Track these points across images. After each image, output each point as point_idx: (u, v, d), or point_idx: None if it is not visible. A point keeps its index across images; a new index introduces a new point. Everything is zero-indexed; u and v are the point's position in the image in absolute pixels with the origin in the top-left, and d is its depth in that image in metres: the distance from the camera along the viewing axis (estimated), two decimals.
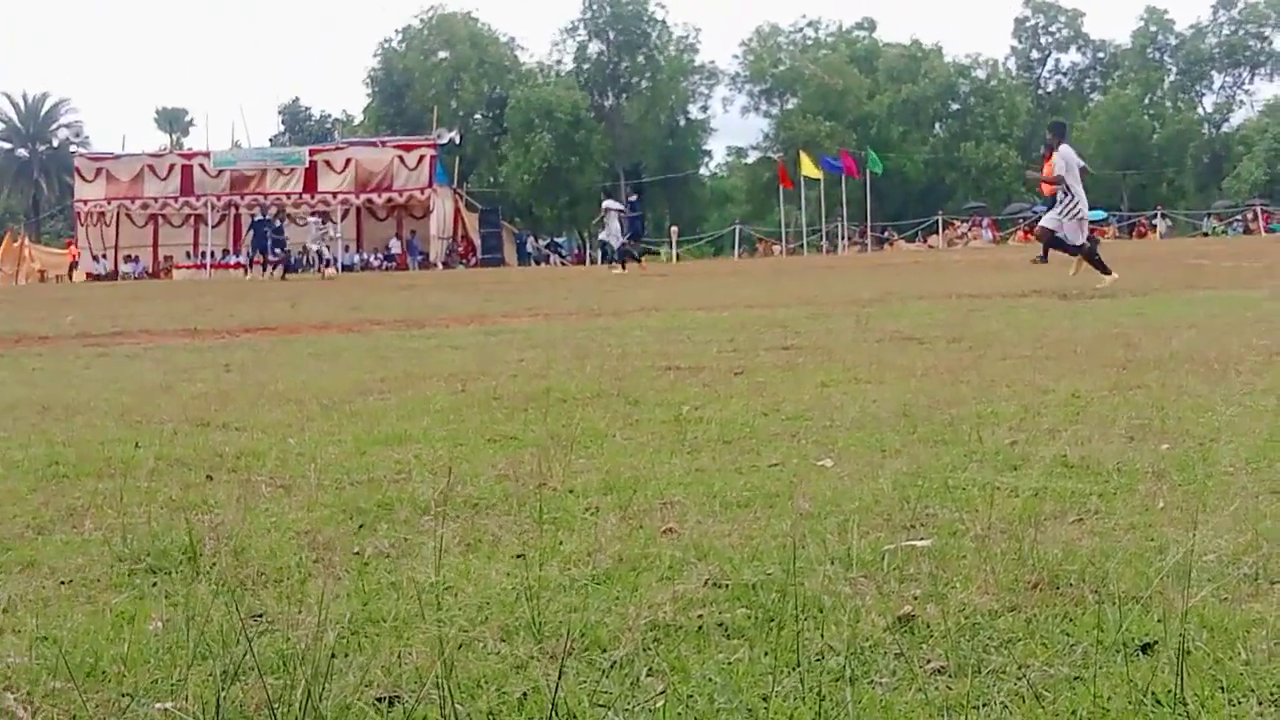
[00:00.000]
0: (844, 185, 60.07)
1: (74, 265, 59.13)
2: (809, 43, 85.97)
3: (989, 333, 9.74)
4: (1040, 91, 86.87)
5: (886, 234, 67.34)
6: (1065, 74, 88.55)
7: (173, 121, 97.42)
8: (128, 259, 59.74)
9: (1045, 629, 2.69)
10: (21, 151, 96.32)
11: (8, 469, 5.06)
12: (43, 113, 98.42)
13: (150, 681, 2.51)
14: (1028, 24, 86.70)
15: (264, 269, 42.68)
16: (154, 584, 3.30)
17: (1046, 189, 21.42)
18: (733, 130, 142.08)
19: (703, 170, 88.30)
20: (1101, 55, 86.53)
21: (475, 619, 2.86)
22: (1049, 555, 3.17)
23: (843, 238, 63.40)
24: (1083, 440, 4.82)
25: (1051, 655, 2.54)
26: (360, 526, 3.88)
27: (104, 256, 60.18)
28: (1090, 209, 17.32)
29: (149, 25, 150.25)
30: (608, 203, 39.84)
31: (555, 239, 73.78)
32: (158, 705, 2.33)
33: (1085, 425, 5.19)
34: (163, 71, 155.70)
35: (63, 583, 3.33)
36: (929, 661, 2.52)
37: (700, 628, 2.75)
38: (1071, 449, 4.62)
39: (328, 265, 45.02)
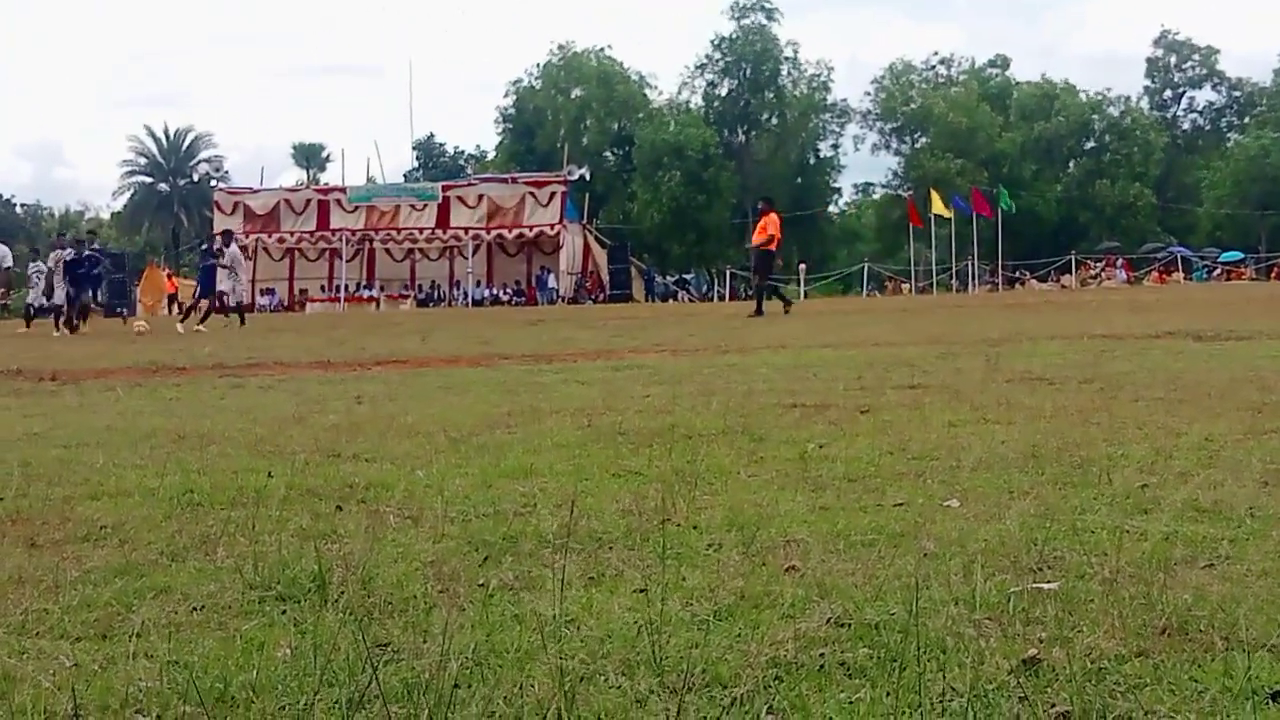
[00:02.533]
0: (975, 224, 59.62)
1: (174, 297, 59.82)
2: (941, 80, 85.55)
3: (1121, 374, 9.59)
4: (1176, 131, 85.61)
5: (1018, 273, 66.62)
6: (1201, 112, 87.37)
7: (309, 157, 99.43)
8: (264, 292, 60.92)
9: (1173, 675, 2.65)
10: (163, 186, 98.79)
11: (144, 497, 5.18)
12: (184, 147, 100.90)
13: (278, 708, 2.56)
14: (1160, 62, 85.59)
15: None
16: (283, 611, 3.35)
17: None
18: (862, 167, 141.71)
19: (831, 207, 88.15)
20: (1238, 94, 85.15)
21: (596, 652, 2.87)
22: (1178, 600, 3.11)
23: (973, 277, 62.84)
24: (1215, 484, 4.73)
25: (1179, 702, 2.50)
26: (485, 559, 3.91)
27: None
28: (1225, 250, 17.08)
29: (287, 64, 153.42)
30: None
31: (684, 275, 73.96)
32: None
33: (1218, 469, 5.09)
34: (300, 108, 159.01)
35: (195, 609, 3.40)
36: (1053, 706, 2.49)
37: (822, 666, 2.74)
38: (1204, 493, 4.54)
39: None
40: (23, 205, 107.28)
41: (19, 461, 6.23)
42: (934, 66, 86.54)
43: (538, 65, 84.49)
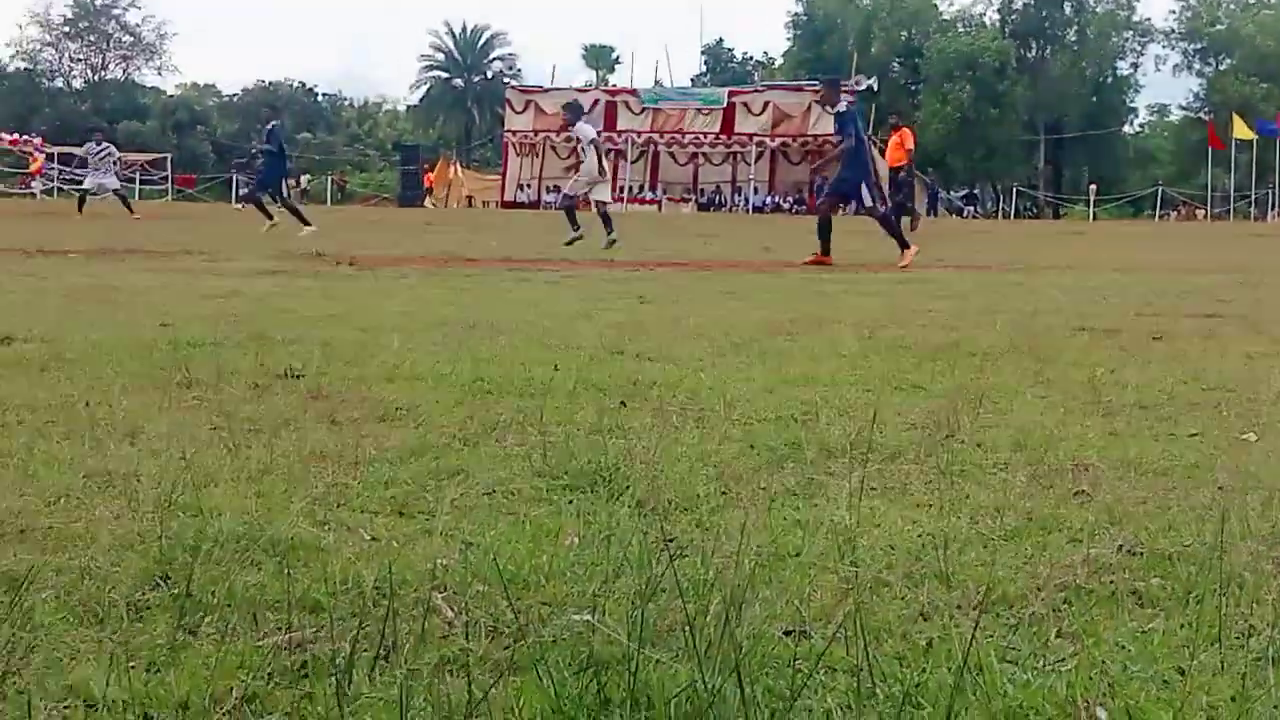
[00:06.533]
0: (1278, 150, 56.94)
1: (429, 191, 60.75)
2: (1251, 2, 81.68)
3: None
4: None
5: None
6: None
7: (599, 58, 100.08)
8: (550, 189, 61.84)
9: None
10: (458, 81, 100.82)
11: (437, 381, 5.33)
12: (479, 45, 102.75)
13: (569, 593, 2.61)
14: None
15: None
16: (570, 501, 3.42)
17: None
18: (1159, 88, 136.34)
19: (1126, 128, 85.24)
20: None
21: (883, 563, 2.87)
22: None
23: (1274, 204, 60.14)
24: None
25: None
26: (767, 463, 3.93)
27: (528, 185, 62.48)
28: None
29: None
30: None
31: (972, 190, 72.58)
32: (578, 615, 2.42)
33: None
34: (592, 10, 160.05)
35: (486, 493, 3.49)
36: None
37: (1113, 593, 2.68)
38: None
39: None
40: (324, 94, 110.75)
41: (320, 341, 6.48)
42: None
43: None
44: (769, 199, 60.18)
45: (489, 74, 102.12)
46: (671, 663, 2.17)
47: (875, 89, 63.71)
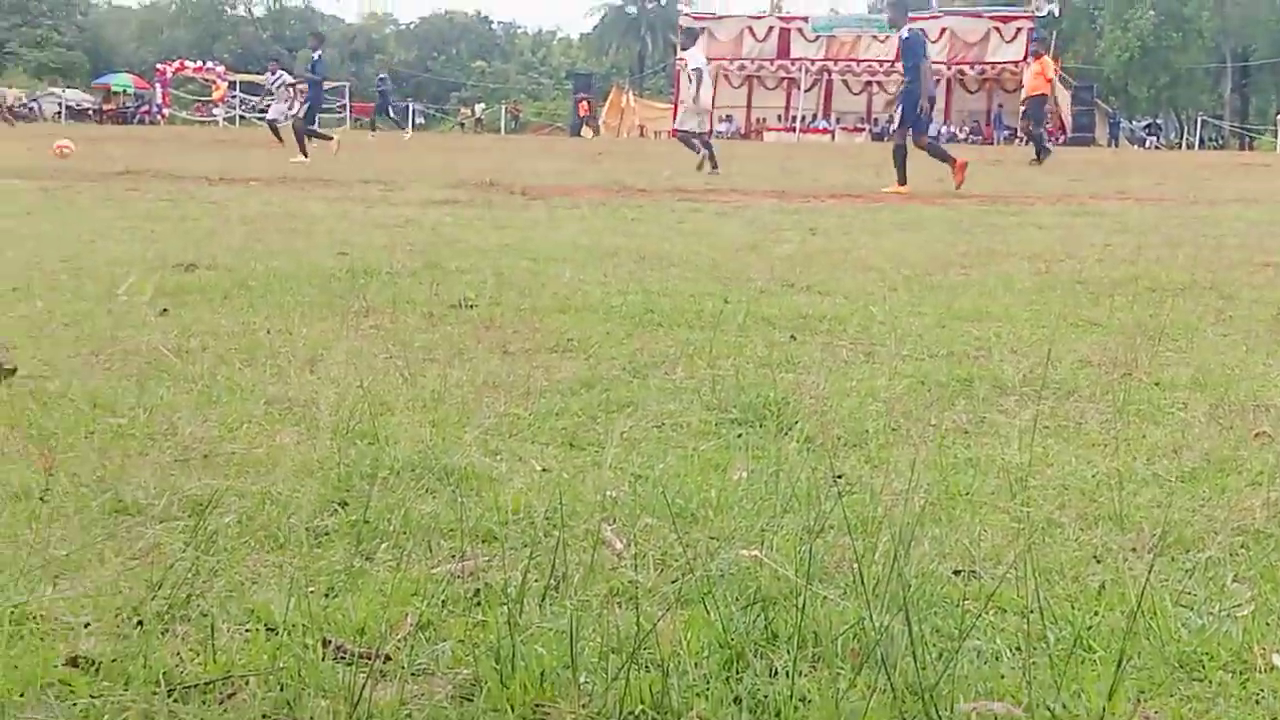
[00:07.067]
0: None
1: (585, 120, 60.88)
2: None
3: None
4: None
5: None
6: None
7: None
8: (723, 119, 61.61)
9: None
10: (631, 9, 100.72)
11: (607, 313, 5.37)
12: None
13: (736, 528, 2.63)
14: None
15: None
16: (739, 435, 3.43)
17: None
18: None
19: None
20: None
21: (1055, 503, 2.83)
22: None
23: None
24: None
25: None
26: (938, 400, 3.89)
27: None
28: None
29: None
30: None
31: (1155, 120, 70.74)
32: (746, 551, 2.43)
33: None
34: None
35: (655, 426, 3.51)
36: None
37: None
38: None
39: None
40: (499, 23, 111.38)
41: (492, 270, 6.56)
42: None
43: None
44: (944, 128, 59.27)
45: (663, 1, 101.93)
46: (839, 600, 2.17)
47: (1056, 14, 62.33)
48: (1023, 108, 27.68)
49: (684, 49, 20.40)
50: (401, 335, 4.76)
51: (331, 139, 22.99)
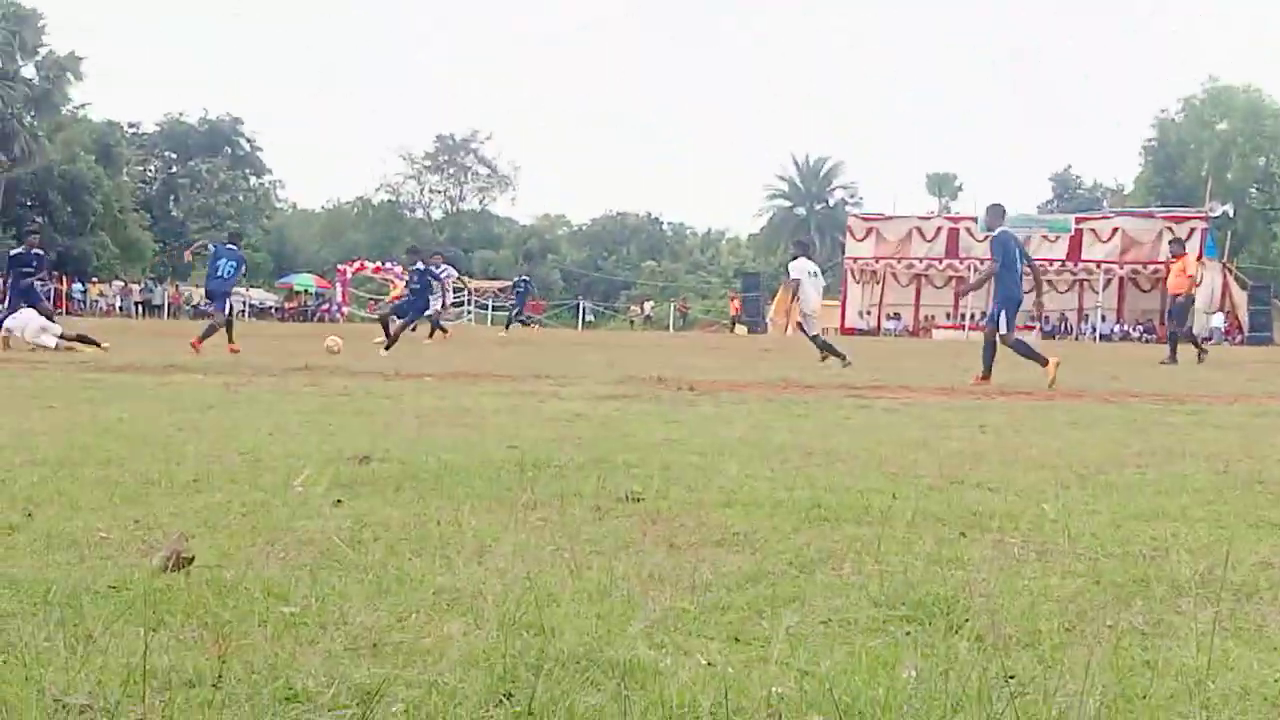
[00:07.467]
0: None
1: (736, 319, 61.81)
2: None
3: None
4: None
5: None
6: None
7: (941, 186, 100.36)
8: (890, 316, 61.75)
9: None
10: (799, 210, 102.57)
11: (773, 508, 5.34)
12: (821, 174, 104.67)
13: None
14: None
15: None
16: (908, 632, 3.38)
17: None
18: None
19: None
20: None
21: (1237, 708, 2.73)
22: None
23: None
24: None
25: None
26: (1113, 600, 3.80)
27: (868, 313, 62.56)
28: None
29: (923, 96, 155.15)
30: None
31: None
32: None
33: None
34: (934, 138, 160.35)
35: (822, 622, 3.47)
36: None
37: None
38: None
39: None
40: (669, 223, 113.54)
41: (660, 465, 6.58)
42: None
43: (1182, 99, 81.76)
44: (1117, 327, 58.71)
45: (830, 202, 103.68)
46: None
47: (1230, 215, 61.82)
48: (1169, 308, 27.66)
49: (792, 260, 21.49)
50: (569, 528, 4.78)
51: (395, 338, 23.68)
